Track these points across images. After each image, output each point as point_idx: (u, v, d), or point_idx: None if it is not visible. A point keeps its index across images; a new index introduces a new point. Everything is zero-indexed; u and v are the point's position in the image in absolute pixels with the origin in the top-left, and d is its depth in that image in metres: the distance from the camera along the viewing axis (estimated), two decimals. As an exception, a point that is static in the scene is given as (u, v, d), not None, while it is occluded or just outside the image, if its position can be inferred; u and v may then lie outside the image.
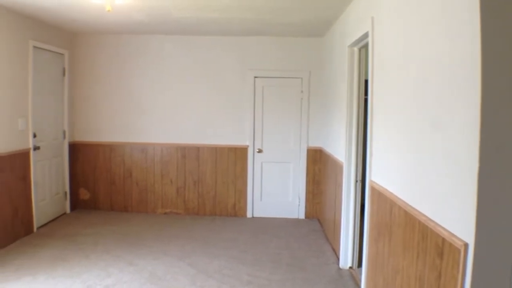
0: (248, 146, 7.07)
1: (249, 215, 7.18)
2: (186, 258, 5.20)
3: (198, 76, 7.07)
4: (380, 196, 3.46)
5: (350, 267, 4.95)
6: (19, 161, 5.69)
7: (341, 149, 5.15)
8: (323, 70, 6.75)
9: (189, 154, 7.13)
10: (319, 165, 7.02)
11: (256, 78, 7.03)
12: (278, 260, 5.22)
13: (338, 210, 5.27)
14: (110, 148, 7.24)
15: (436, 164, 2.40)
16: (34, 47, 6.02)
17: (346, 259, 4.98)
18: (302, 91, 6.99)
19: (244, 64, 7.04)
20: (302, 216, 7.16)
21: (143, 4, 5.05)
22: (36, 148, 6.06)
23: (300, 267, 5.01)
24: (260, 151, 7.08)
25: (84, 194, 7.35)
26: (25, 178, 5.83)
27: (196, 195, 7.19)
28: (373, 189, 3.72)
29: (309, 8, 5.08)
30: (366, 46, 4.42)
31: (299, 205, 7.15)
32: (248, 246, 5.72)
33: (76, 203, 7.35)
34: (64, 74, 6.92)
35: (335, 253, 5.40)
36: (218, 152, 7.11)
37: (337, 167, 5.43)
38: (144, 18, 5.80)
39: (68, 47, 7.00)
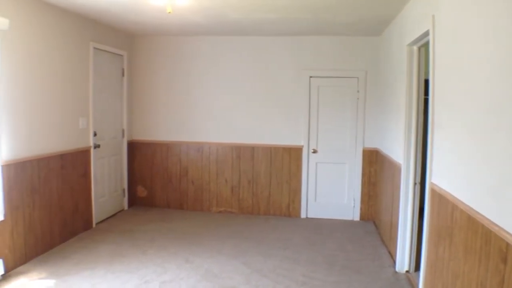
0: (303, 146, 7.03)
1: (303, 215, 7.14)
2: (241, 257, 5.23)
3: (253, 76, 7.10)
4: (441, 199, 3.35)
5: (407, 271, 4.82)
6: (80, 159, 5.90)
7: (399, 150, 5.02)
8: (380, 69, 6.62)
9: (244, 154, 7.17)
10: (375, 166, 6.89)
11: (311, 78, 6.96)
12: (333, 261, 5.15)
13: (395, 213, 5.15)
14: (167, 147, 7.38)
15: (502, 167, 2.30)
16: (94, 48, 6.21)
17: (402, 262, 4.86)
18: (358, 91, 6.87)
19: (299, 64, 6.99)
20: (357, 218, 7.04)
21: (201, 6, 5.11)
22: (96, 146, 6.26)
23: (355, 269, 4.93)
24: (315, 151, 7.02)
25: (142, 192, 7.54)
26: (85, 175, 6.03)
27: (250, 194, 7.22)
28: (433, 191, 3.61)
29: (366, 6, 4.98)
30: (426, 45, 4.29)
31: (354, 206, 7.04)
32: (302, 246, 5.68)
33: (134, 200, 7.55)
34: (123, 75, 7.11)
35: (391, 256, 5.28)
36: (272, 152, 7.10)
37: (394, 169, 5.31)
38: (201, 19, 5.86)
39: (127, 48, 7.20)
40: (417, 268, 4.43)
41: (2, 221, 4.50)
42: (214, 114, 7.23)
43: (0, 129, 4.43)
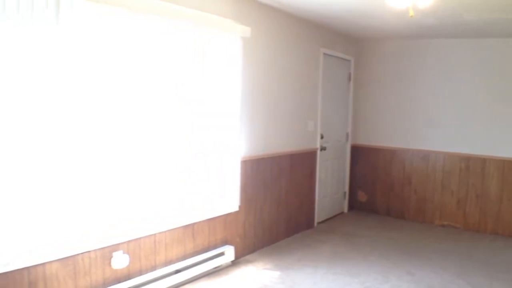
0: (543, 160, 6.24)
1: (537, 238, 6.34)
2: (465, 276, 4.83)
3: (485, 81, 6.44)
4: None
5: None
6: (307, 159, 6.16)
7: None
8: None
9: (473, 166, 6.63)
10: None
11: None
12: None
13: None
14: (390, 153, 7.25)
15: None
16: (324, 54, 6.40)
17: None
18: None
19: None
20: None
21: (435, 7, 4.88)
22: (322, 148, 6.46)
23: None
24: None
25: (362, 196, 7.54)
26: (311, 175, 6.27)
27: (477, 210, 6.65)
28: None
29: None
30: None
31: None
32: (538, 273, 5.05)
33: (353, 204, 7.59)
34: (349, 80, 7.21)
35: None
36: (505, 165, 6.41)
37: None
38: (433, 21, 5.60)
39: (353, 53, 7.27)
40: None
41: (236, 211, 4.92)
42: (441, 121, 6.81)
43: (241, 128, 4.85)
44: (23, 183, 3.00)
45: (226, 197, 4.76)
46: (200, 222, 4.50)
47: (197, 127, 4.34)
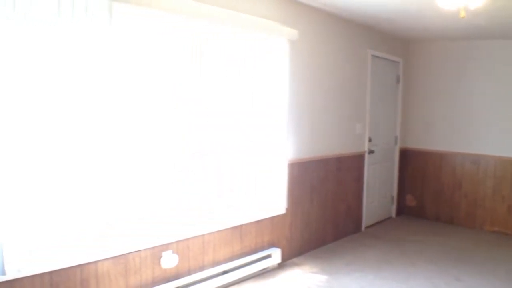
0: None
1: None
2: (519, 284, 4.71)
3: None
4: None
5: None
6: (355, 163, 6.11)
7: None
8: None
9: (526, 170, 6.43)
10: None
11: None
12: None
13: None
14: (440, 157, 7.09)
15: None
16: (372, 55, 6.34)
17: None
18: None
19: None
20: None
21: (486, 8, 4.75)
22: (370, 151, 6.40)
23: None
24: None
25: (411, 201, 7.40)
26: (358, 179, 6.22)
27: (530, 216, 6.45)
28: None
29: None
30: None
31: None
32: None
33: (402, 209, 7.47)
34: (398, 82, 7.10)
35: None
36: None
37: None
38: (483, 22, 5.46)
39: (402, 54, 7.15)
40: None
41: (283, 214, 4.94)
42: (493, 124, 6.57)
43: (288, 131, 4.87)
44: (77, 183, 3.12)
45: (273, 199, 4.79)
46: (247, 224, 4.55)
47: (249, 130, 4.42)
